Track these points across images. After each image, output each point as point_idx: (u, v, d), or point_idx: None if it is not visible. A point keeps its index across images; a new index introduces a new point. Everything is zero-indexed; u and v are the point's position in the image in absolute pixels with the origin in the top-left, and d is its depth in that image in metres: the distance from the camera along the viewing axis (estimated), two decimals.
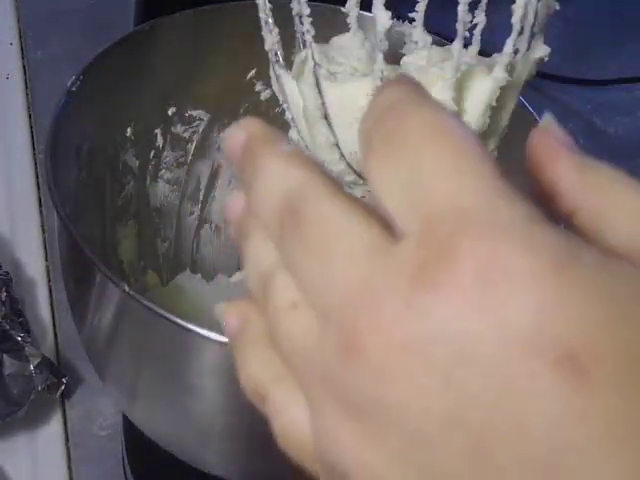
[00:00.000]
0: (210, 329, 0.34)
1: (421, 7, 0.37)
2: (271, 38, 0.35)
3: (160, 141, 0.50)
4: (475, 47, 0.35)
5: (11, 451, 0.50)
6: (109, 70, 0.44)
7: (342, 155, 0.36)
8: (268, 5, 0.35)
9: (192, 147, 0.52)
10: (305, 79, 0.35)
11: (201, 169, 0.53)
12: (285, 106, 0.37)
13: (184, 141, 0.51)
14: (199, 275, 0.52)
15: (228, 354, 0.35)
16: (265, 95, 0.51)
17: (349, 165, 0.36)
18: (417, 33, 0.38)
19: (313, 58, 0.34)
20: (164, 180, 0.52)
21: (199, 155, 0.52)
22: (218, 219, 0.55)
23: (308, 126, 0.36)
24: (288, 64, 0.36)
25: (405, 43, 0.39)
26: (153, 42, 0.46)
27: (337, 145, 0.35)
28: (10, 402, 0.49)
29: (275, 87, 0.37)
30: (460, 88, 0.34)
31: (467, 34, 0.34)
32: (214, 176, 0.54)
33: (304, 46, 0.35)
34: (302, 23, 0.34)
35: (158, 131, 0.50)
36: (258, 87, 0.50)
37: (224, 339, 0.34)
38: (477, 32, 0.35)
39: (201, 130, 0.51)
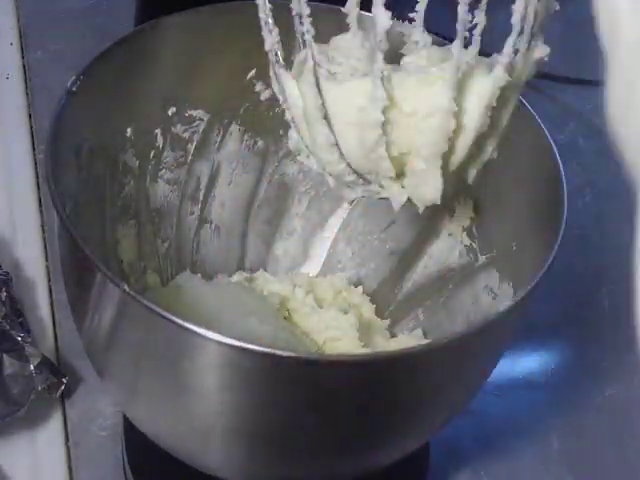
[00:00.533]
0: (210, 329, 0.34)
1: (421, 7, 0.37)
2: (271, 38, 0.35)
3: (160, 141, 0.50)
4: (475, 47, 0.35)
5: (11, 451, 0.50)
6: (109, 70, 0.44)
7: (342, 155, 0.36)
8: (268, 5, 0.35)
9: (192, 147, 0.52)
10: (305, 79, 0.35)
11: (201, 169, 0.53)
12: (285, 106, 0.37)
13: (184, 141, 0.51)
14: (199, 275, 0.52)
15: (228, 354, 0.35)
16: (265, 95, 0.51)
17: (349, 165, 0.36)
18: (417, 33, 0.38)
19: (313, 58, 0.34)
20: (164, 180, 0.52)
21: (199, 155, 0.52)
22: (218, 219, 0.55)
23: (308, 126, 0.36)
24: (288, 64, 0.36)
25: (405, 43, 0.39)
26: (153, 42, 0.47)
27: (337, 145, 0.35)
28: (10, 402, 0.49)
29: (275, 87, 0.37)
30: (460, 88, 0.34)
31: (467, 34, 0.34)
32: (214, 176, 0.54)
33: (304, 46, 0.35)
34: (302, 23, 0.34)
35: (158, 131, 0.50)
36: (258, 87, 0.50)
37: (224, 339, 0.34)
38: (477, 32, 0.35)
39: (201, 130, 0.51)
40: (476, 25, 0.35)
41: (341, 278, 0.55)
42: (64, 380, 0.51)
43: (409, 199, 0.37)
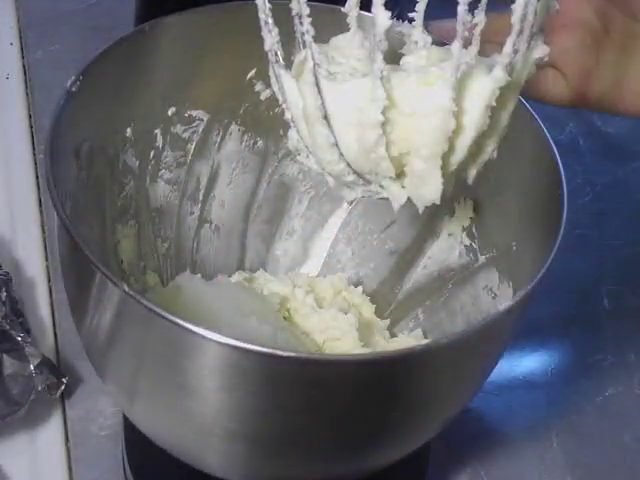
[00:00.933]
0: (209, 329, 0.34)
1: (421, 7, 0.37)
2: (271, 38, 0.35)
3: (160, 141, 0.50)
4: (475, 47, 0.35)
5: (11, 451, 0.50)
6: (109, 70, 0.44)
7: (342, 155, 0.36)
8: (268, 5, 0.35)
9: (192, 147, 0.52)
10: (305, 79, 0.35)
11: (201, 169, 0.53)
12: (285, 106, 0.37)
13: (184, 141, 0.51)
14: (199, 275, 0.52)
15: (227, 354, 0.35)
16: (265, 95, 0.51)
17: (349, 165, 0.36)
18: (417, 33, 0.38)
19: (313, 58, 0.34)
20: (164, 180, 0.52)
21: (199, 155, 0.52)
22: (218, 219, 0.55)
23: (308, 126, 0.36)
24: (288, 64, 0.36)
25: (405, 43, 0.39)
26: (153, 42, 0.46)
27: (337, 145, 0.35)
28: (10, 402, 0.49)
29: (275, 87, 0.37)
30: (460, 88, 0.34)
31: (467, 34, 0.34)
32: (214, 176, 0.54)
33: (304, 46, 0.35)
34: (302, 23, 0.34)
35: (158, 131, 0.50)
36: (258, 87, 0.50)
37: (223, 339, 0.34)
38: (477, 32, 0.35)
39: (201, 130, 0.51)
40: (476, 25, 0.35)
41: (341, 278, 0.55)
42: (64, 380, 0.51)
43: (409, 199, 0.37)
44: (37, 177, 0.65)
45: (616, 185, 0.70)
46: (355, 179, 0.37)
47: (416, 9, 0.38)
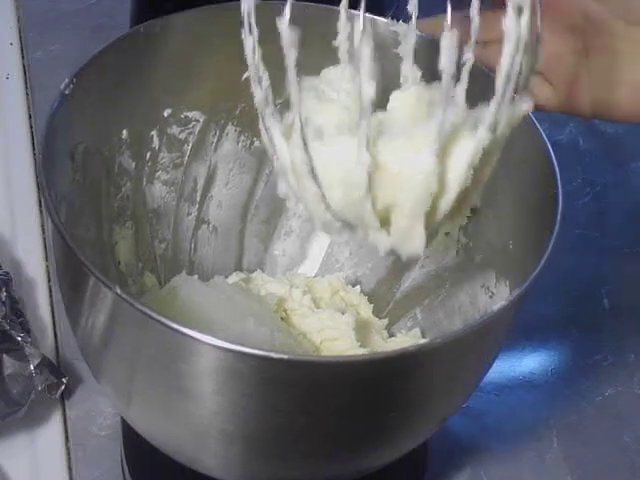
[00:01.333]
0: (205, 331, 0.34)
1: (410, 41, 0.37)
2: (260, 93, 0.35)
3: (156, 142, 0.50)
4: (464, 84, 0.35)
5: (11, 451, 0.50)
6: (103, 72, 0.44)
7: (329, 206, 0.36)
8: (259, 52, 0.34)
9: (188, 148, 0.52)
10: (294, 142, 0.35)
11: (197, 170, 0.53)
12: (274, 157, 0.37)
13: (180, 142, 0.51)
14: (196, 276, 0.52)
15: (223, 357, 0.35)
16: None
17: (336, 216, 0.36)
18: (406, 68, 0.38)
19: (300, 120, 0.34)
20: (161, 181, 0.52)
21: (195, 156, 0.52)
22: (215, 219, 0.55)
23: (296, 179, 0.36)
24: (279, 110, 0.36)
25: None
26: (148, 43, 0.46)
27: (323, 198, 0.35)
28: (10, 402, 0.49)
29: (264, 139, 0.37)
30: (444, 147, 0.34)
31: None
32: (211, 177, 0.53)
33: (292, 106, 0.34)
34: (290, 70, 0.34)
35: (154, 132, 0.50)
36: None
37: (218, 342, 0.34)
38: (466, 69, 0.35)
39: (197, 131, 0.51)
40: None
41: (339, 278, 0.55)
42: (64, 380, 0.51)
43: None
44: (37, 177, 0.65)
45: (616, 185, 0.70)
46: (342, 226, 0.37)
47: (405, 43, 0.38)
